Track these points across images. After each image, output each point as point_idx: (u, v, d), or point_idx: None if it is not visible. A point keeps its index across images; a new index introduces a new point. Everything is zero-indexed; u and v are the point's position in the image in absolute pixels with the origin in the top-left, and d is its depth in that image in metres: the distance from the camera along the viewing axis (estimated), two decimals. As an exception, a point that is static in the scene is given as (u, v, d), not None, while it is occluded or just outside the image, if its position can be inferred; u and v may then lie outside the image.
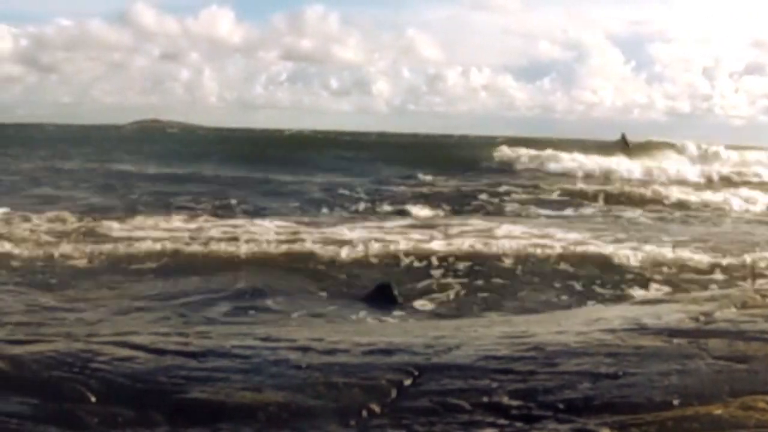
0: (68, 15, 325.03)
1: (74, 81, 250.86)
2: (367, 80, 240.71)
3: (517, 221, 23.26)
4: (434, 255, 16.25)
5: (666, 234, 21.03)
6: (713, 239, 20.13)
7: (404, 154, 50.60)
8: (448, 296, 13.27)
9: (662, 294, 12.87)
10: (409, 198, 29.09)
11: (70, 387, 4.52)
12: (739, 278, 14.39)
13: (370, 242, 17.67)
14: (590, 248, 17.35)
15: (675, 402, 4.25)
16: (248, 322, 10.91)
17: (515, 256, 16.21)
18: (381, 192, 31.66)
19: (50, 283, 13.42)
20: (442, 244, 17.59)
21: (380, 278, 13.72)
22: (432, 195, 30.35)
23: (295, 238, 18.03)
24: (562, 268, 15.06)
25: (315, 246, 16.74)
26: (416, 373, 4.74)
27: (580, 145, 54.68)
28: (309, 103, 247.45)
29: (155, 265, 14.80)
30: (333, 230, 19.51)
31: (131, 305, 12.34)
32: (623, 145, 58.08)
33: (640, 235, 20.45)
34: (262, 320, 11.28)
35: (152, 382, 4.61)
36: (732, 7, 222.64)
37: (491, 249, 17.11)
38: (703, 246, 18.25)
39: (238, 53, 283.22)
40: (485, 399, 4.34)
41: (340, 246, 16.89)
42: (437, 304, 12.77)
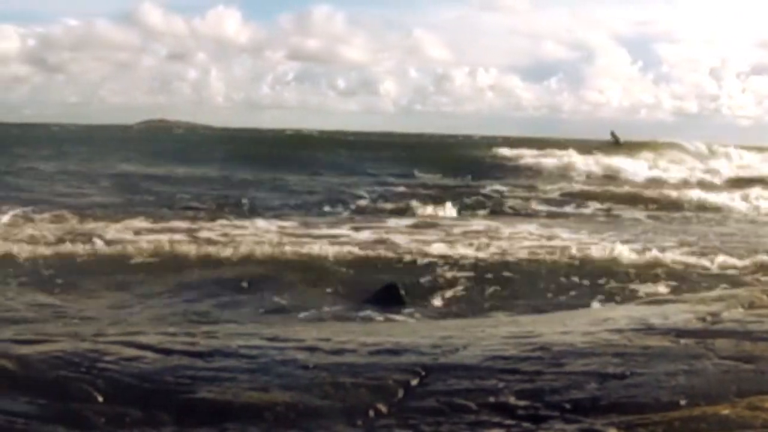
0: (75, 15, 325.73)
1: (81, 81, 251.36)
2: (374, 80, 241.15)
3: (521, 221, 23.23)
4: (439, 255, 16.26)
5: (671, 234, 21.00)
6: (718, 239, 20.11)
7: (409, 154, 50.73)
8: (455, 296, 13.27)
9: (669, 294, 12.85)
10: (414, 198, 29.07)
11: (77, 387, 4.52)
12: (747, 279, 14.35)
13: (375, 242, 17.70)
14: (596, 248, 17.35)
15: (682, 402, 4.24)
16: (255, 322, 10.91)
17: (521, 256, 16.21)
18: (385, 192, 31.69)
19: (56, 283, 13.43)
20: (448, 244, 17.59)
21: (387, 278, 13.71)
22: (436, 195, 30.31)
23: (301, 239, 18.04)
24: (568, 268, 15.03)
25: (321, 246, 16.75)
26: (423, 373, 4.73)
27: (584, 145, 54.75)
28: (316, 103, 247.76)
29: (161, 266, 14.80)
30: (338, 230, 19.53)
31: (137, 305, 12.35)
32: (613, 142, 59.12)
33: (645, 236, 20.45)
34: (269, 320, 11.28)
35: (159, 382, 4.61)
36: (738, 8, 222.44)
37: (497, 249, 17.11)
38: (708, 246, 18.24)
39: (245, 53, 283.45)
40: (492, 399, 4.33)
41: (346, 246, 16.90)
42: (444, 305, 12.77)
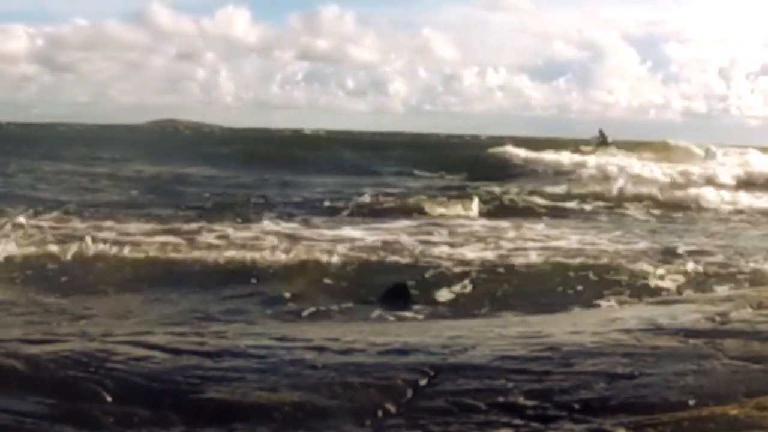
0: (84, 15, 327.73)
1: (91, 81, 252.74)
2: (383, 80, 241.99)
3: (527, 221, 23.22)
4: (447, 255, 16.26)
5: (676, 234, 21.00)
6: (725, 239, 20.11)
7: (415, 154, 50.69)
8: (464, 296, 13.26)
9: (678, 294, 12.84)
10: (421, 197, 29.04)
11: (86, 386, 4.52)
12: (756, 279, 14.33)
13: (382, 242, 17.71)
14: (602, 248, 17.36)
15: (691, 402, 4.23)
16: (263, 323, 10.93)
17: (528, 256, 16.21)
18: (391, 192, 31.69)
19: (63, 283, 13.46)
20: (455, 244, 17.60)
21: (395, 278, 13.72)
22: (442, 195, 30.30)
23: (308, 239, 18.06)
24: (575, 269, 15.02)
25: (328, 246, 16.76)
26: (432, 373, 4.73)
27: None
28: (325, 103, 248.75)
29: (168, 266, 14.82)
30: (345, 230, 19.53)
31: (145, 305, 12.37)
32: (601, 141, 58.22)
33: (649, 235, 20.45)
34: (277, 320, 11.30)
35: (168, 382, 4.61)
36: (748, 8, 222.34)
37: (504, 249, 17.12)
38: (715, 246, 18.24)
39: (254, 53, 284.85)
40: (501, 399, 4.33)
41: (353, 246, 16.92)
42: (453, 304, 12.77)
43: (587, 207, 28.64)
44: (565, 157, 47.84)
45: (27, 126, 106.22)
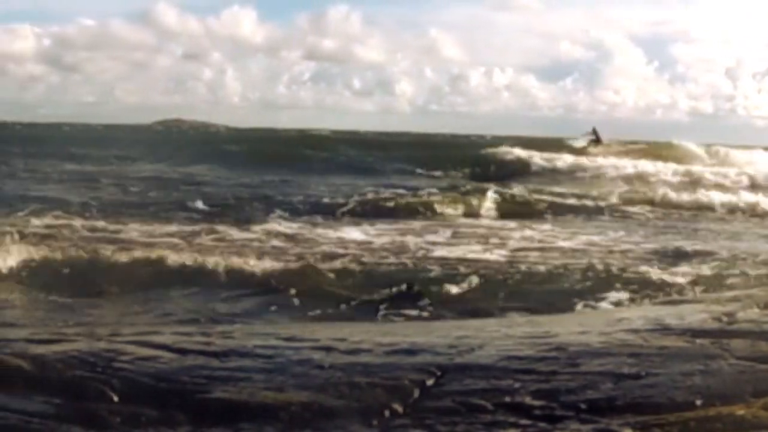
0: (90, 14, 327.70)
1: (97, 81, 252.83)
2: (390, 80, 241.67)
3: (530, 221, 23.21)
4: (454, 255, 16.26)
5: (681, 235, 20.97)
6: (731, 239, 20.09)
7: (420, 154, 50.53)
8: (470, 296, 13.24)
9: (685, 294, 12.82)
10: (425, 198, 28.97)
11: (93, 386, 4.53)
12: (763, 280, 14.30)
13: (389, 242, 17.70)
14: (608, 248, 17.35)
15: (698, 402, 4.23)
16: (270, 322, 10.94)
17: (535, 256, 16.21)
18: (397, 191, 31.59)
19: (70, 284, 13.46)
20: (462, 244, 17.60)
21: (402, 278, 13.72)
22: (446, 195, 30.23)
23: (314, 239, 18.07)
24: (582, 269, 15.00)
25: (334, 246, 16.76)
26: (439, 373, 4.73)
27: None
28: (332, 103, 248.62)
29: (174, 267, 14.80)
30: (351, 230, 19.53)
31: (152, 305, 12.38)
32: (594, 140, 56.71)
33: (654, 235, 20.43)
34: (284, 320, 11.30)
35: (175, 382, 4.62)
36: (754, 8, 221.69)
37: (511, 248, 17.12)
38: (721, 246, 18.21)
39: (261, 53, 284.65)
40: (508, 399, 4.33)
41: (359, 246, 16.92)
42: (459, 304, 12.74)
43: (591, 207, 28.56)
44: (566, 157, 47.68)
45: (32, 126, 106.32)
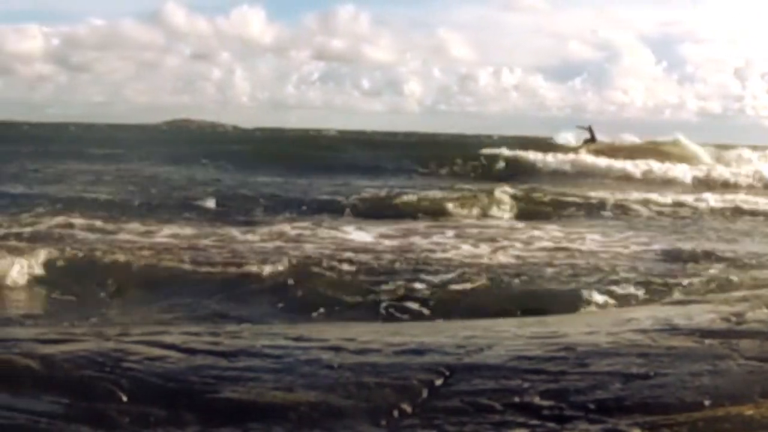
0: (100, 14, 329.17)
1: (106, 80, 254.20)
2: (399, 80, 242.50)
3: (536, 221, 23.21)
4: (461, 254, 16.26)
5: (687, 235, 20.97)
6: (737, 240, 20.07)
7: (425, 154, 50.52)
8: (478, 296, 13.24)
9: (693, 294, 12.81)
10: (432, 198, 28.95)
11: (101, 386, 4.53)
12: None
13: (397, 242, 17.72)
14: (615, 249, 17.35)
15: (706, 402, 4.23)
16: (279, 322, 10.94)
17: (543, 256, 16.21)
18: (401, 192, 31.54)
19: (77, 283, 13.48)
20: (469, 244, 17.60)
21: (409, 278, 13.72)
22: (450, 194, 30.20)
23: (320, 240, 18.08)
24: (590, 268, 14.99)
25: (340, 247, 16.78)
26: (447, 373, 4.73)
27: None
28: (341, 103, 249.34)
29: (180, 267, 14.81)
30: (355, 231, 19.53)
31: (159, 305, 12.39)
32: (589, 139, 54.19)
33: (662, 236, 20.43)
34: (292, 320, 11.31)
35: (183, 382, 4.62)
36: (763, 8, 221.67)
37: (518, 249, 17.12)
38: (727, 247, 18.21)
39: (270, 53, 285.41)
40: (517, 399, 4.33)
41: (365, 247, 16.93)
42: (467, 304, 12.73)
43: (597, 207, 28.50)
44: (571, 157, 47.57)
45: (39, 126, 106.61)
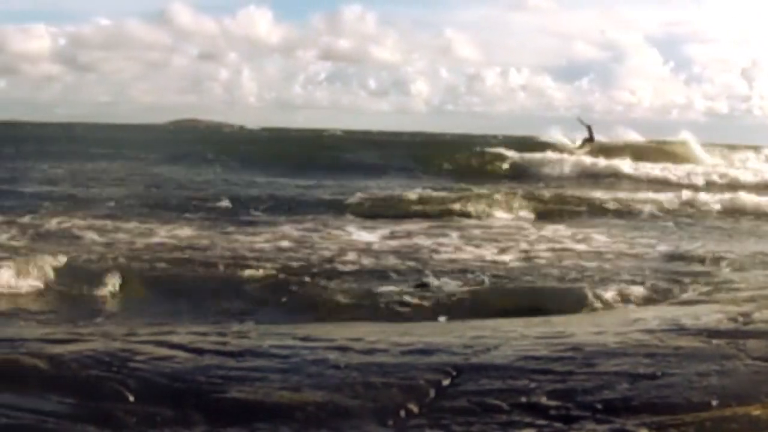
0: (106, 14, 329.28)
1: (112, 80, 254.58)
2: (406, 80, 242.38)
3: (541, 221, 23.18)
4: (466, 255, 16.25)
5: (692, 236, 20.93)
6: (743, 240, 20.04)
7: (430, 154, 50.44)
8: (484, 296, 13.22)
9: (700, 294, 12.78)
10: (436, 197, 28.89)
11: (109, 386, 4.54)
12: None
13: (401, 242, 17.71)
14: (621, 249, 17.33)
15: (713, 402, 4.23)
16: (285, 322, 10.93)
17: (549, 256, 16.19)
18: (405, 192, 31.48)
19: (83, 284, 13.47)
20: (474, 244, 17.59)
21: (416, 279, 13.72)
22: (455, 194, 30.15)
23: (325, 240, 18.08)
24: (596, 269, 14.98)
25: (344, 248, 16.78)
26: (454, 373, 4.74)
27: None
28: (348, 103, 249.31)
29: (186, 267, 14.82)
30: (359, 231, 19.51)
31: (166, 306, 12.39)
32: (588, 139, 52.12)
33: (667, 236, 20.40)
34: (299, 320, 11.29)
35: (190, 382, 4.63)
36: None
37: (523, 250, 17.10)
38: (734, 247, 18.17)
39: (277, 53, 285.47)
40: (524, 399, 4.33)
41: (369, 247, 16.93)
42: (473, 304, 12.71)
43: (601, 208, 28.43)
44: (575, 158, 47.36)
45: (45, 125, 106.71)
